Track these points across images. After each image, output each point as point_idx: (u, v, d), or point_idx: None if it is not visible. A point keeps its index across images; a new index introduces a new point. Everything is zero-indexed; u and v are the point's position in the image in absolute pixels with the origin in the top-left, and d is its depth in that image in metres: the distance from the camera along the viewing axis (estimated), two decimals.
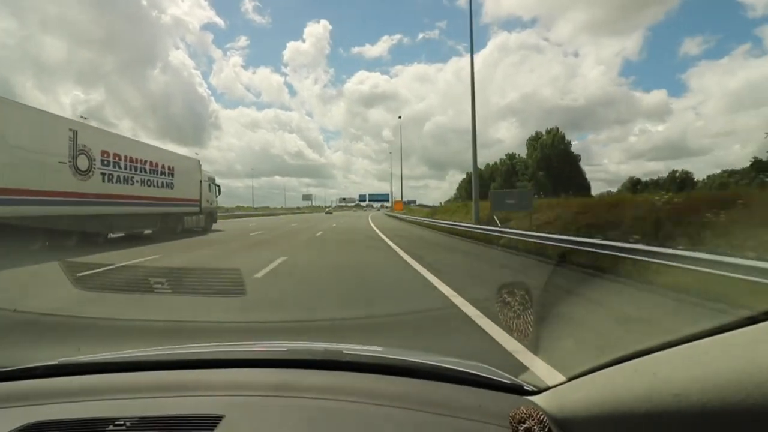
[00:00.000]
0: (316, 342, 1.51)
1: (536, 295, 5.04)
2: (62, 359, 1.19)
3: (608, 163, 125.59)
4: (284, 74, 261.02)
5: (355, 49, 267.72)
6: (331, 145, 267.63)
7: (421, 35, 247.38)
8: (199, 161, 21.32)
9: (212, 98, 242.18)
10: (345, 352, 1.25)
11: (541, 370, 2.60)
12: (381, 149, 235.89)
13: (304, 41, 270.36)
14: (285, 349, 1.37)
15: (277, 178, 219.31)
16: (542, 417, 0.83)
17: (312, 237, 15.72)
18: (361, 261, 9.13)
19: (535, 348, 2.90)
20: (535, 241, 9.69)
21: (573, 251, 8.01)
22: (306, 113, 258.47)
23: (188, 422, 0.86)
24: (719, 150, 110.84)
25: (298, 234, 17.72)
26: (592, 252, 7.36)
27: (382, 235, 16.68)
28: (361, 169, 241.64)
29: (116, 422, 0.86)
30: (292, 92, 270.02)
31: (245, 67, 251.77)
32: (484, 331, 3.66)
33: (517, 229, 11.48)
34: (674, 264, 5.39)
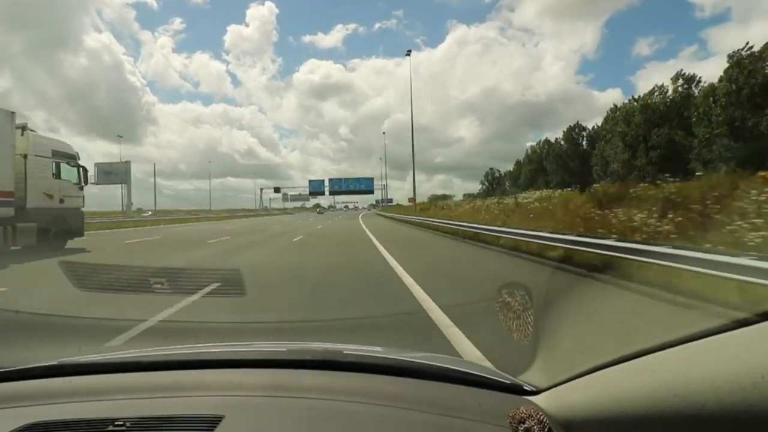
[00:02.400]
0: (316, 342, 1.51)
1: None
2: (62, 359, 1.19)
3: None
4: (226, 62, 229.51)
5: (307, 38, 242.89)
6: (287, 143, 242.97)
7: (377, 25, 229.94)
8: (13, 114, 10.98)
9: (147, 88, 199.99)
10: (345, 352, 1.26)
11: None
12: (339, 147, 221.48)
13: (247, 25, 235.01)
14: (285, 349, 1.37)
15: (230, 179, 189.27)
16: (542, 417, 0.83)
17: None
18: None
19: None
20: None
21: None
22: (258, 109, 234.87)
23: (188, 422, 0.86)
24: None
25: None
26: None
27: None
28: (319, 170, 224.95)
29: (116, 422, 0.86)
30: (236, 82, 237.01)
31: (181, 53, 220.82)
32: None
33: None
34: None
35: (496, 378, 1.09)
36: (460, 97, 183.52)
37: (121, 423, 0.86)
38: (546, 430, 0.81)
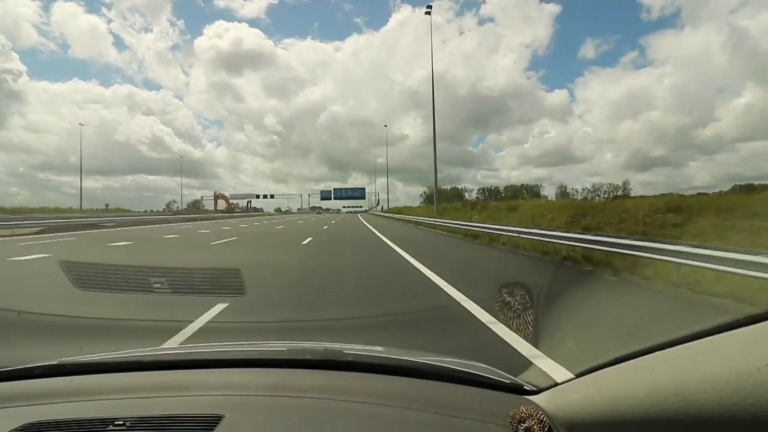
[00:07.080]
0: (316, 342, 1.51)
1: None
2: (62, 359, 1.19)
3: (501, 169, 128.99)
4: (107, 18, 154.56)
5: (221, 2, 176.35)
6: (208, 134, 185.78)
7: None
8: None
9: (14, 54, 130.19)
10: (345, 351, 1.26)
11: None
12: (270, 142, 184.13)
13: None
14: (285, 348, 1.37)
15: (144, 176, 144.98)
16: (542, 416, 0.83)
17: None
18: None
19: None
20: None
21: None
22: (174, 95, 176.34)
23: (188, 422, 0.86)
24: (596, 158, 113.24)
25: None
26: None
27: None
28: (250, 168, 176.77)
29: (116, 422, 0.86)
30: (121, 46, 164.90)
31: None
32: None
33: None
34: None
35: (496, 377, 1.09)
36: (404, 88, 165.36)
37: (121, 422, 0.86)
38: (546, 429, 0.81)
